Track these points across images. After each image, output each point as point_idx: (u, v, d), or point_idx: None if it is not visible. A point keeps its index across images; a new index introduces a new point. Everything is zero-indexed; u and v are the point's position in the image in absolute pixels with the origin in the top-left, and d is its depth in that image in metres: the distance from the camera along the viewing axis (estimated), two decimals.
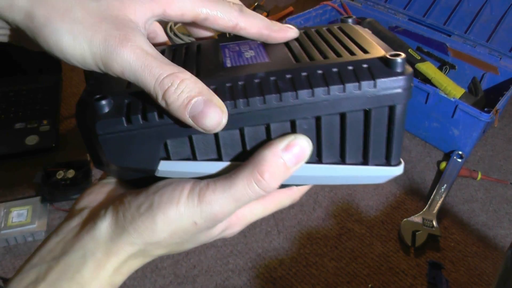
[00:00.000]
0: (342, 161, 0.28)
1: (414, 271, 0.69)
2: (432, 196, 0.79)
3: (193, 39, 0.34)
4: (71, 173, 0.73)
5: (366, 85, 0.25)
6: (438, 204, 0.78)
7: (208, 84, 0.25)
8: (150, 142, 0.27)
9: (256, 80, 0.26)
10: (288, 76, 0.26)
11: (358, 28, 0.31)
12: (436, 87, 0.88)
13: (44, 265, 0.27)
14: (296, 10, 1.26)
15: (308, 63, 0.27)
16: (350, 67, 0.26)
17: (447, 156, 0.89)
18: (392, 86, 0.25)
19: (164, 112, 0.26)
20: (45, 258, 0.27)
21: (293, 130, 0.27)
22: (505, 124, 1.01)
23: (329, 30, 0.31)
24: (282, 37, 0.30)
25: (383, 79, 0.25)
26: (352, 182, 0.30)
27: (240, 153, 0.28)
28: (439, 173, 0.86)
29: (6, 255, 0.68)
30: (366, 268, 0.70)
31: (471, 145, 0.87)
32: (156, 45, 0.31)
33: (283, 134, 0.27)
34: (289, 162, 0.26)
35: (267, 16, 1.28)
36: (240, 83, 0.26)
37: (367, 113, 0.26)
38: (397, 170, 0.28)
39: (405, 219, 0.75)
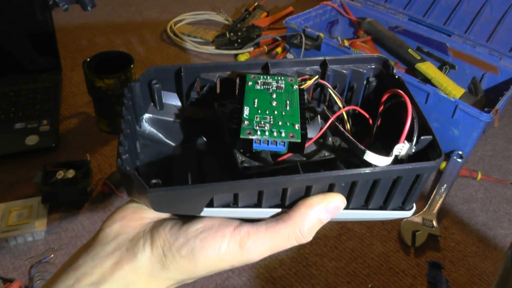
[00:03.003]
0: (365, 206, 0.31)
1: (414, 271, 0.69)
2: (432, 196, 0.79)
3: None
4: (71, 173, 0.73)
5: None
6: (438, 204, 0.78)
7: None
8: (197, 198, 0.27)
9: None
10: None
11: None
12: (436, 87, 0.88)
13: None
14: (296, 10, 1.26)
15: None
16: None
17: (447, 156, 0.89)
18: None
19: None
20: (82, 281, 0.27)
21: (331, 186, 0.29)
22: (505, 124, 1.01)
23: None
24: None
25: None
26: (367, 220, 0.33)
27: (278, 201, 0.29)
28: (439, 173, 0.86)
29: (6, 255, 0.68)
30: (366, 268, 0.70)
31: (471, 145, 0.87)
32: None
33: (323, 193, 0.29)
34: (324, 218, 0.29)
35: (267, 16, 1.28)
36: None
37: (398, 177, 0.29)
38: (409, 213, 0.31)
39: (405, 219, 0.75)
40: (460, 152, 0.87)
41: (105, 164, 0.84)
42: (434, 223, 0.75)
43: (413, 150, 0.29)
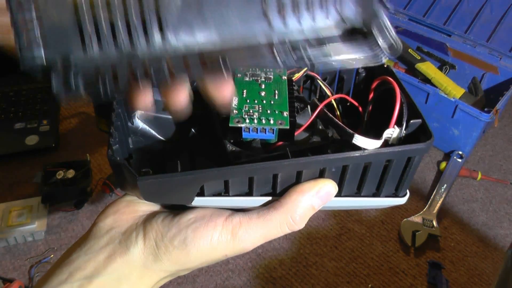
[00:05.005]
0: (357, 193, 0.31)
1: (414, 271, 0.69)
2: (432, 196, 0.79)
3: None
4: (71, 173, 0.73)
5: None
6: (438, 204, 0.78)
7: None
8: (188, 186, 0.27)
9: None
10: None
11: None
12: (436, 87, 0.88)
13: (75, 283, 0.27)
14: None
15: None
16: None
17: (447, 156, 0.89)
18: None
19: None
20: (75, 276, 0.27)
21: (322, 172, 0.28)
22: (505, 124, 1.01)
23: None
24: None
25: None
26: (360, 208, 0.33)
27: (269, 189, 0.29)
28: (439, 173, 0.86)
29: (6, 255, 0.68)
30: (366, 268, 0.70)
31: (471, 145, 0.86)
32: None
33: (314, 179, 0.29)
34: (316, 205, 0.28)
35: None
36: None
37: (389, 161, 0.28)
38: (402, 200, 0.31)
39: (405, 219, 0.75)
40: (460, 152, 0.87)
41: (105, 164, 0.84)
42: (434, 223, 0.75)
43: (403, 134, 0.29)
